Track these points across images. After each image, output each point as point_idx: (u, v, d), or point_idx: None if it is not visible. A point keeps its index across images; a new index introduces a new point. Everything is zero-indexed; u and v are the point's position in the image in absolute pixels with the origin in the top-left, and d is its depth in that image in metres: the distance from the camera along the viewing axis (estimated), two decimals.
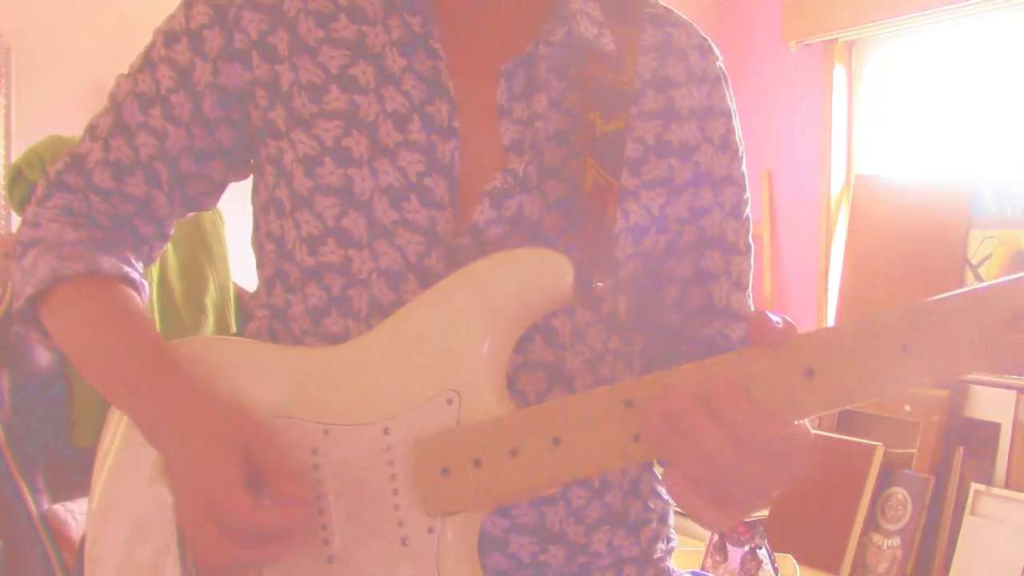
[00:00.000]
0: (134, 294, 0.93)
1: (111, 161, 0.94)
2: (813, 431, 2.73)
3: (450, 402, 0.81)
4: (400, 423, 0.81)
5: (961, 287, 2.74)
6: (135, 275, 0.94)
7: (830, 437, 2.75)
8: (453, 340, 0.81)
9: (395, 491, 0.81)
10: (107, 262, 0.91)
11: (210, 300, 2.07)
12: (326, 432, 0.83)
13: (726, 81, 0.97)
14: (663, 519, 0.98)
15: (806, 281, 3.13)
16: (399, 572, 0.81)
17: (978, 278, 2.59)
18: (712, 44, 0.97)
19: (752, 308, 0.99)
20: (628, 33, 0.92)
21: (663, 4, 0.98)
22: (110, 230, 0.95)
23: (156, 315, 2.15)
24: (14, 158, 2.39)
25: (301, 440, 0.84)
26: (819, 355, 0.70)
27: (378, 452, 0.82)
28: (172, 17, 0.95)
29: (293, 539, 0.80)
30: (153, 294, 2.16)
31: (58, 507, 1.55)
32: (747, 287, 1.00)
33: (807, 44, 3.11)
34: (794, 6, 3.09)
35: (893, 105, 3.02)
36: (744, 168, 0.98)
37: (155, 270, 2.16)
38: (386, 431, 0.82)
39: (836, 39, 3.05)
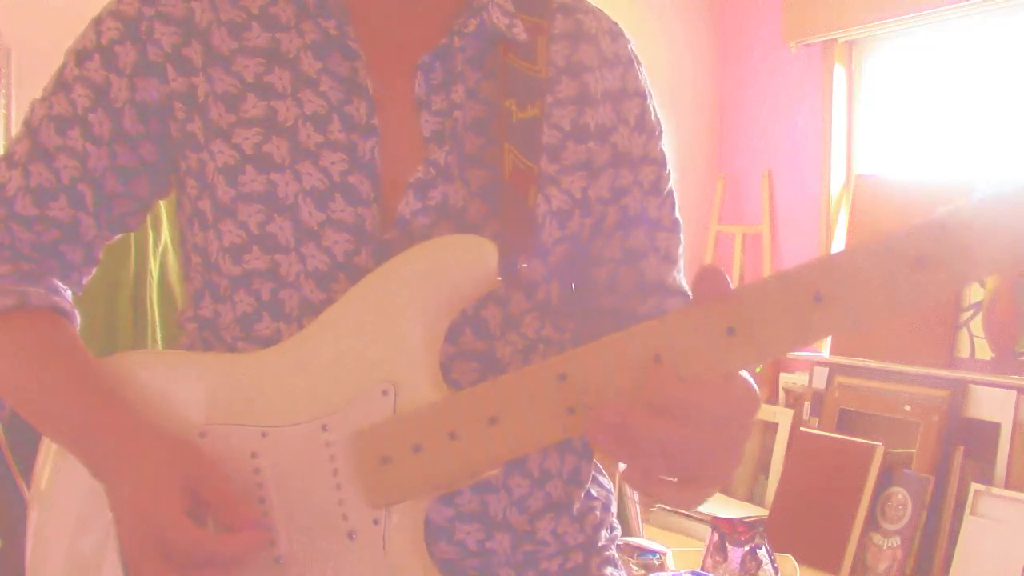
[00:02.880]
0: (67, 324, 0.92)
1: (32, 187, 0.92)
2: (813, 431, 2.72)
3: (385, 393, 0.81)
4: (337, 419, 0.82)
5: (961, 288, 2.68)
6: (66, 304, 0.93)
7: (830, 437, 2.75)
8: (383, 332, 0.82)
9: (338, 486, 0.82)
10: (36, 294, 0.91)
11: None
12: (264, 435, 0.83)
13: (639, 63, 0.99)
14: (606, 507, 0.99)
15: None
16: (348, 566, 0.82)
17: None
18: (622, 29, 0.99)
19: (683, 283, 1.01)
20: (539, 23, 0.94)
21: None
22: (36, 260, 0.94)
23: (156, 316, 2.15)
24: None
25: (240, 445, 0.84)
26: (737, 313, 0.72)
27: (318, 449, 0.82)
28: (82, 36, 0.93)
29: (246, 560, 0.80)
30: (153, 295, 2.16)
31: None
32: (677, 261, 1.01)
33: (807, 44, 3.11)
34: (794, 6, 3.09)
35: (893, 105, 3.02)
36: (663, 146, 0.99)
37: (155, 271, 2.16)
38: (324, 428, 0.82)
39: (836, 39, 3.05)
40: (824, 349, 3.01)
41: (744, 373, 0.76)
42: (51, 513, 0.92)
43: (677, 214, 1.00)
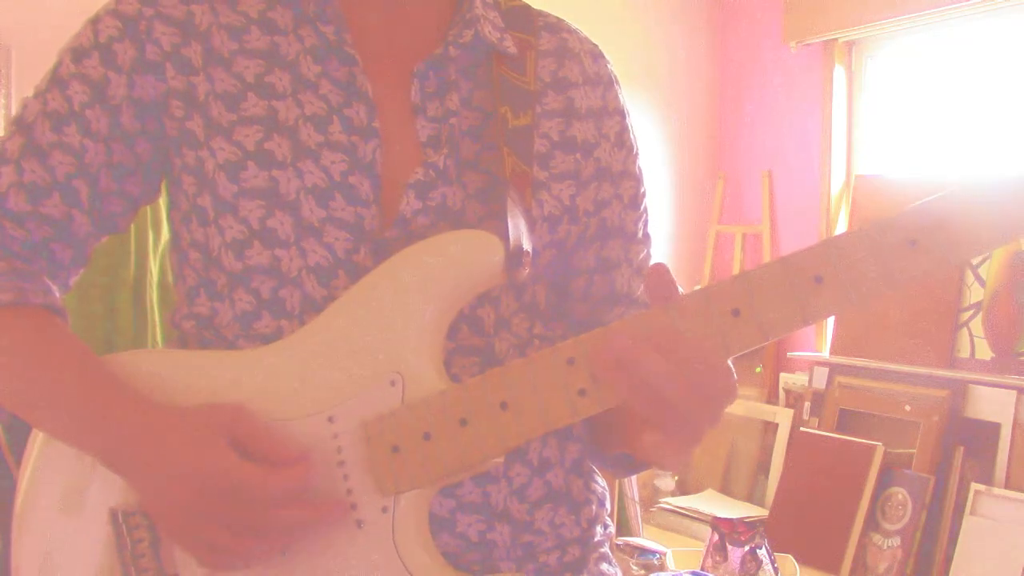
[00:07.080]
0: (63, 322, 0.93)
1: (25, 183, 0.92)
2: (813, 431, 2.72)
3: (393, 383, 0.83)
4: (344, 410, 0.83)
5: (961, 288, 2.72)
6: (59, 303, 0.93)
7: (830, 437, 2.75)
8: (391, 324, 0.83)
9: (345, 476, 0.83)
10: (33, 291, 0.91)
11: None
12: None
13: (618, 83, 1.03)
14: (602, 503, 1.01)
15: None
16: (356, 554, 0.83)
17: (978, 279, 2.59)
18: (601, 50, 1.04)
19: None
20: (527, 39, 0.98)
21: (556, 15, 1.05)
22: (27, 259, 0.93)
23: (156, 316, 2.15)
24: None
25: None
26: (743, 295, 0.75)
27: (324, 440, 0.83)
28: (78, 35, 0.94)
29: (316, 503, 0.82)
30: (153, 295, 2.16)
31: None
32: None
33: (807, 44, 3.11)
34: (794, 6, 3.09)
35: (893, 105, 3.02)
36: (640, 164, 1.03)
37: (155, 271, 2.16)
38: (331, 419, 0.83)
39: (836, 39, 3.06)
40: (824, 349, 3.01)
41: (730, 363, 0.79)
42: (30, 527, 0.90)
43: (649, 229, 1.04)
